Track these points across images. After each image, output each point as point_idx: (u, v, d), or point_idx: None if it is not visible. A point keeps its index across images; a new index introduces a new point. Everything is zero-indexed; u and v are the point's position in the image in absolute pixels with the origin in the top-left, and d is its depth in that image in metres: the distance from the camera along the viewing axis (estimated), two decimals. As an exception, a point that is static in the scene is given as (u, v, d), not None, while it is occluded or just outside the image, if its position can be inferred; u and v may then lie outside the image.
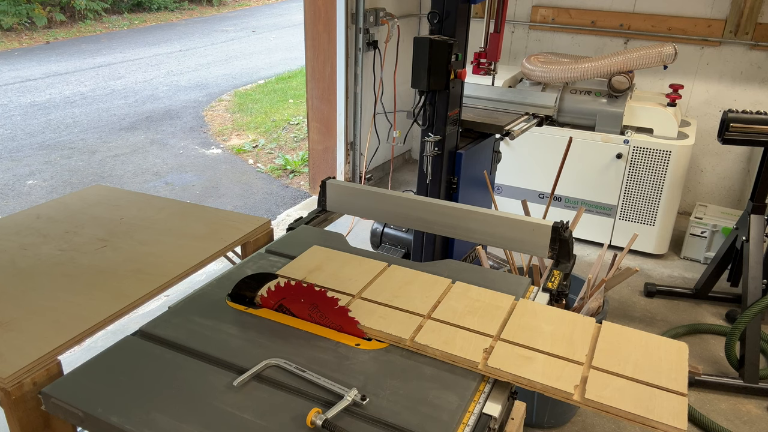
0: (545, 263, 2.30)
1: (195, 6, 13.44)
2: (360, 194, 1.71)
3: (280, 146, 5.74)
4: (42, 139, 5.65)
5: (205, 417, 0.90)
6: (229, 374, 0.99)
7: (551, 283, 1.33)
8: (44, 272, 1.32)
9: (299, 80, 8.05)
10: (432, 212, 1.61)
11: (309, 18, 4.06)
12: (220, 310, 1.19)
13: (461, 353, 1.02)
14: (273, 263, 1.38)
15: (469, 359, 1.01)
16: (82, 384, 0.98)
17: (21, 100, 6.78)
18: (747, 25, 3.41)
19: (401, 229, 2.93)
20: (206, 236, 1.51)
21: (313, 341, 1.08)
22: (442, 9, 2.16)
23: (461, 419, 0.91)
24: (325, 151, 4.38)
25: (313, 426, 0.86)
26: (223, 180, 4.92)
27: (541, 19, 4.02)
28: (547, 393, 0.96)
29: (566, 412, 2.15)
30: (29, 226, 1.55)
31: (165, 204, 1.73)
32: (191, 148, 5.61)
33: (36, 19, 10.21)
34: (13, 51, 9.29)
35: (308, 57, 4.17)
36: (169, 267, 1.35)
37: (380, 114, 4.35)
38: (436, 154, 2.32)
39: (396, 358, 1.04)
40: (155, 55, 9.27)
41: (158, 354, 1.05)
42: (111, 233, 1.52)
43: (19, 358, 1.02)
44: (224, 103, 7.03)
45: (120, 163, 5.14)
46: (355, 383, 0.95)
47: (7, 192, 4.52)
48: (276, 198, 4.64)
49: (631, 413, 0.89)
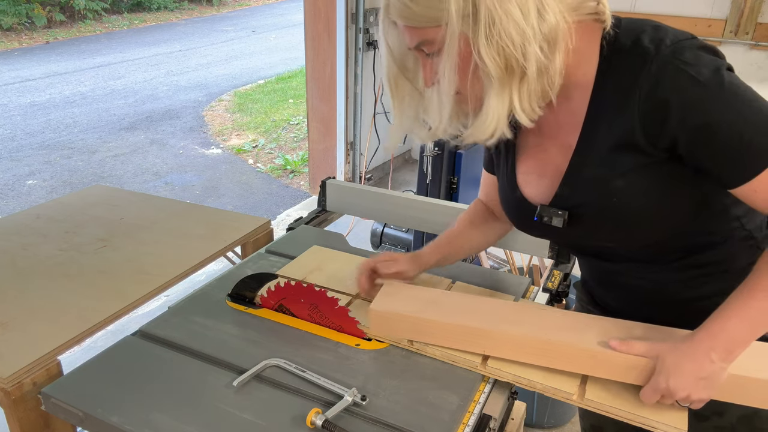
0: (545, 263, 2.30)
1: (195, 6, 13.44)
2: (360, 194, 1.71)
3: (280, 146, 5.74)
4: (42, 139, 5.65)
5: (205, 417, 0.90)
6: (229, 374, 0.99)
7: (551, 283, 1.33)
8: (44, 272, 1.33)
9: (299, 80, 8.04)
10: (432, 212, 1.61)
11: (309, 18, 4.06)
12: (220, 310, 1.19)
13: (461, 353, 1.02)
14: (273, 263, 1.38)
15: (470, 359, 1.01)
16: (82, 384, 0.98)
17: (21, 100, 6.78)
18: (747, 25, 3.41)
19: (401, 229, 2.93)
20: (206, 236, 1.51)
21: (313, 341, 1.08)
22: (442, 9, 2.16)
23: (461, 419, 0.91)
24: (325, 151, 4.38)
25: (313, 426, 0.86)
26: (223, 180, 4.92)
27: (541, 19, 4.02)
28: (547, 393, 0.95)
29: (566, 413, 2.15)
30: (29, 226, 1.55)
31: (165, 204, 1.73)
32: (191, 148, 5.61)
33: (36, 19, 10.21)
34: (13, 51, 9.29)
35: (308, 57, 4.17)
36: (169, 267, 1.35)
37: (380, 114, 4.35)
38: (436, 154, 2.32)
39: (396, 358, 1.04)
40: (155, 55, 9.28)
41: (158, 354, 1.05)
42: (111, 233, 1.52)
43: (19, 358, 1.02)
44: (224, 103, 7.03)
45: (120, 163, 5.15)
46: (355, 383, 0.95)
47: (7, 192, 4.52)
48: (276, 198, 4.64)
49: (632, 413, 0.89)
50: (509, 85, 0.79)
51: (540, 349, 0.95)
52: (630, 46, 0.80)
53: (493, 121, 0.81)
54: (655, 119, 0.79)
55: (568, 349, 0.93)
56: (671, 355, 0.85)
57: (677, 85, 0.76)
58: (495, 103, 0.80)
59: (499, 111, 0.80)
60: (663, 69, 0.76)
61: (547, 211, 0.93)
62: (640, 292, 1.01)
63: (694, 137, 0.77)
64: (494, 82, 0.78)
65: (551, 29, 0.77)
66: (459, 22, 0.76)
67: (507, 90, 0.79)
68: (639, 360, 0.89)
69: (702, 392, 0.84)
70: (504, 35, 0.75)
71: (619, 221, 0.89)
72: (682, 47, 0.76)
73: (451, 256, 1.19)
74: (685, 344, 0.85)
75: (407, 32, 0.83)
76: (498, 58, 0.76)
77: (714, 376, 0.83)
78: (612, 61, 0.82)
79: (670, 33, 0.79)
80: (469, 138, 0.86)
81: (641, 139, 0.81)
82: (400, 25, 0.84)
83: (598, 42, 0.83)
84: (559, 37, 0.78)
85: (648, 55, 0.78)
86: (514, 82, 0.79)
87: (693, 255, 0.94)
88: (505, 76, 0.78)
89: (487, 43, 0.76)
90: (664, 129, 0.78)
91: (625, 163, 0.84)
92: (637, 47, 0.79)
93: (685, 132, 0.77)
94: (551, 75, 0.80)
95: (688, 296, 0.97)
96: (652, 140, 0.80)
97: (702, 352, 0.83)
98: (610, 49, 0.82)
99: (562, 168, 0.91)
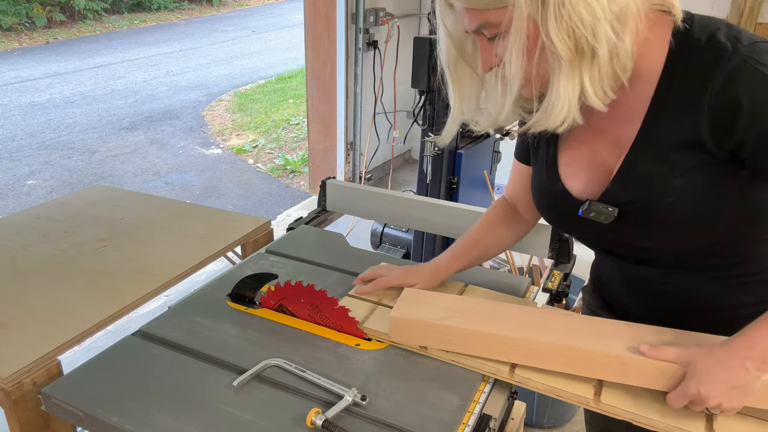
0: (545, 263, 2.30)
1: (195, 6, 13.45)
2: (360, 194, 1.71)
3: (280, 146, 5.74)
4: (42, 139, 5.65)
5: (205, 417, 0.90)
6: (229, 374, 0.99)
7: (551, 283, 1.33)
8: (44, 272, 1.32)
9: (299, 80, 8.05)
10: (432, 212, 1.61)
11: (309, 18, 4.06)
12: (220, 310, 1.19)
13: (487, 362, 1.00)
14: (273, 263, 1.38)
15: (497, 368, 0.99)
16: (82, 384, 0.98)
17: (21, 100, 6.78)
18: (747, 25, 3.41)
19: (401, 229, 2.93)
20: (206, 236, 1.51)
21: (313, 341, 1.08)
22: (442, 9, 2.16)
23: (461, 419, 0.91)
24: (325, 151, 4.38)
25: (313, 426, 0.86)
26: (223, 180, 4.92)
27: (541, 19, 4.02)
28: (563, 398, 0.93)
29: (566, 412, 2.15)
30: (29, 226, 1.55)
31: (165, 204, 1.73)
32: (191, 148, 5.61)
33: (36, 18, 10.21)
34: (13, 51, 9.30)
35: (308, 57, 4.17)
36: (169, 267, 1.35)
37: (380, 114, 4.35)
38: (436, 154, 2.32)
39: (396, 358, 1.04)
40: (155, 55, 9.28)
41: (158, 354, 1.05)
42: (111, 233, 1.52)
43: (19, 358, 1.02)
44: (224, 103, 7.03)
45: (120, 163, 5.15)
46: (355, 383, 0.95)
47: (7, 192, 4.52)
48: (276, 198, 4.64)
49: (645, 417, 0.88)
50: (579, 67, 0.75)
51: (569, 357, 0.92)
52: (705, 41, 0.77)
53: (564, 106, 0.77)
54: (724, 118, 0.75)
55: (597, 356, 0.90)
56: (704, 361, 0.82)
57: (752, 85, 0.73)
58: (565, 86, 0.76)
59: (570, 95, 0.77)
60: (740, 67, 0.73)
61: (597, 207, 0.88)
62: (671, 299, 0.98)
63: (762, 141, 0.74)
64: (564, 64, 0.75)
65: (622, 8, 0.74)
66: (527, 2, 0.72)
67: (578, 73, 0.76)
68: (669, 366, 0.86)
69: (734, 401, 0.81)
70: (574, 15, 0.72)
71: (671, 221, 0.85)
72: (760, 48, 0.74)
73: (469, 265, 1.18)
74: (720, 351, 0.82)
75: (467, 14, 0.79)
76: (568, 40, 0.73)
77: (748, 385, 0.80)
78: (684, 55, 0.78)
79: (744, 33, 0.76)
80: (537, 126, 0.81)
81: (707, 138, 0.77)
82: (458, 7, 0.81)
83: (668, 35, 0.80)
84: (630, 17, 0.75)
85: (725, 51, 0.74)
86: (585, 64, 0.75)
87: (735, 264, 0.91)
88: (576, 58, 0.75)
89: (557, 24, 0.72)
90: (733, 129, 0.75)
91: (686, 161, 0.80)
92: (714, 42, 0.76)
93: (754, 134, 0.74)
94: (622, 57, 0.77)
95: (721, 305, 0.94)
96: (718, 140, 0.77)
97: (738, 361, 0.80)
98: (682, 42, 0.78)
99: (608, 162, 0.88)
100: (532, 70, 0.78)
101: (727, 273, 0.92)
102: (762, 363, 0.79)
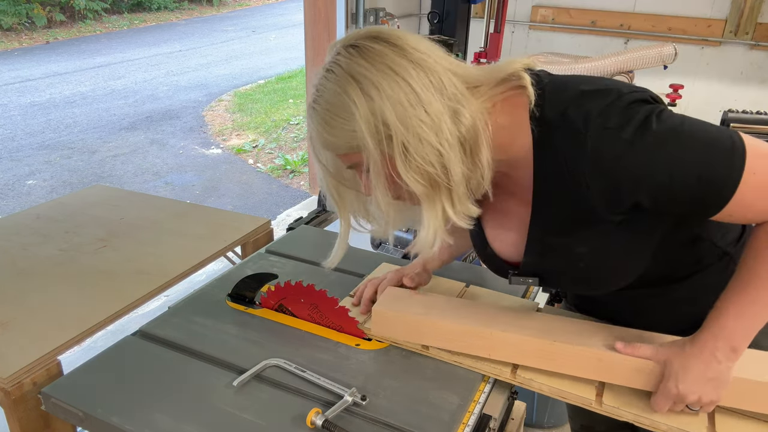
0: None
1: (195, 6, 13.44)
2: (360, 194, 1.70)
3: (280, 146, 5.74)
4: (42, 139, 5.65)
5: (205, 417, 0.90)
6: (229, 374, 0.99)
7: (551, 283, 1.33)
8: (44, 272, 1.32)
9: (299, 80, 8.05)
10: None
11: (309, 18, 4.06)
12: (220, 310, 1.19)
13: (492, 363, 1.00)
14: (273, 263, 1.38)
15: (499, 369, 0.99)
16: (82, 384, 0.98)
17: (21, 100, 6.78)
18: (747, 25, 3.41)
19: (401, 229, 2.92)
20: (206, 236, 1.51)
21: (313, 341, 1.08)
22: (442, 9, 2.16)
23: (461, 419, 0.91)
24: (325, 151, 4.37)
25: (313, 426, 0.86)
26: (223, 180, 4.92)
27: (541, 19, 4.02)
28: (566, 399, 0.94)
29: (566, 412, 2.14)
30: (29, 226, 1.55)
31: (165, 204, 1.73)
32: (191, 148, 5.61)
33: (36, 19, 10.21)
34: (13, 51, 9.29)
35: (308, 57, 4.17)
36: (169, 267, 1.35)
37: (380, 114, 4.34)
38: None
39: (396, 358, 1.04)
40: (155, 55, 9.27)
41: (158, 354, 1.05)
42: (111, 233, 1.52)
43: (19, 358, 1.02)
44: (224, 103, 7.03)
45: (120, 163, 5.15)
46: (355, 383, 0.95)
47: (7, 192, 4.52)
48: (276, 198, 4.64)
49: (648, 418, 0.88)
50: (439, 198, 0.81)
51: (544, 351, 0.95)
52: (558, 122, 0.79)
53: (432, 233, 0.82)
54: (609, 190, 0.78)
55: (573, 351, 0.93)
56: (678, 359, 0.85)
57: (617, 154, 0.75)
58: (428, 216, 0.82)
59: (435, 224, 0.82)
60: (598, 144, 0.76)
61: (518, 280, 0.95)
62: (628, 314, 1.02)
63: (654, 195, 0.77)
64: (423, 199, 0.80)
65: (469, 129, 0.78)
66: (376, 148, 0.77)
67: (438, 203, 0.81)
68: (646, 363, 0.88)
69: (712, 393, 0.84)
70: (420, 159, 0.76)
71: (592, 280, 0.91)
72: (608, 114, 0.76)
73: (451, 257, 1.21)
74: (690, 347, 0.85)
75: (338, 157, 0.85)
76: (420, 179, 0.78)
77: (722, 375, 0.83)
78: (543, 136, 0.81)
79: (597, 98, 0.78)
80: (416, 250, 0.87)
81: (601, 209, 0.81)
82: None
83: (527, 114, 0.82)
84: (479, 130, 0.79)
85: (580, 134, 0.77)
86: (442, 194, 0.81)
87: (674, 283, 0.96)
88: (432, 191, 0.80)
89: (405, 168, 0.77)
90: (622, 197, 0.79)
91: (585, 230, 0.84)
92: (566, 122, 0.78)
93: (643, 194, 0.77)
94: (479, 175, 0.81)
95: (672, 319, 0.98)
96: (612, 208, 0.80)
97: (708, 353, 0.83)
98: (540, 127, 0.81)
99: (525, 219, 0.91)
100: (402, 193, 0.82)
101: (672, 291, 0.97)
102: (731, 352, 0.82)
